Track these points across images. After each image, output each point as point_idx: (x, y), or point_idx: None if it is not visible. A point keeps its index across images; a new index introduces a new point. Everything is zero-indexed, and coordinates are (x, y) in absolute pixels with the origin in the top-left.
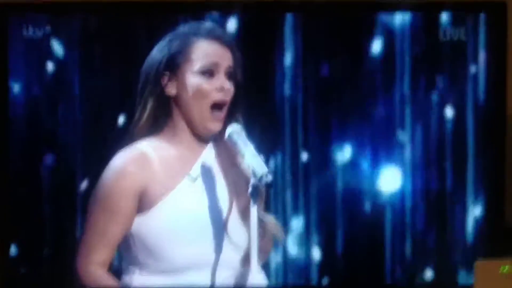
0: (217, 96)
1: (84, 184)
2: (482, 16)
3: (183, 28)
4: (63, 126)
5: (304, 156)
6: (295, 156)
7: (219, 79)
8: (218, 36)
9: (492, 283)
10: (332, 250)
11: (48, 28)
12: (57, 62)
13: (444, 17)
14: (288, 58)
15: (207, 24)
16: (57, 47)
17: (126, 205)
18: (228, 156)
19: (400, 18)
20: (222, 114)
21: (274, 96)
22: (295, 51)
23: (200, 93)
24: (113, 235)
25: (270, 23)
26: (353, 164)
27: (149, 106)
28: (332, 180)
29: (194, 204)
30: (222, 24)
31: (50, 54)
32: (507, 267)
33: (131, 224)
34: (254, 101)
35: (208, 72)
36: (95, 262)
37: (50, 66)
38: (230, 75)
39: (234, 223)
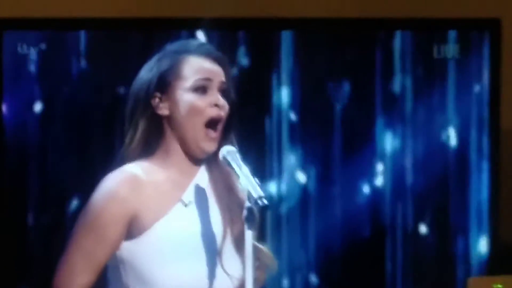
0: (212, 112)
1: (72, 207)
2: (478, 33)
3: (171, 46)
4: (53, 146)
5: (302, 178)
6: (293, 178)
7: (213, 95)
8: (208, 52)
9: None
10: (330, 278)
11: (43, 44)
12: (50, 80)
13: (439, 34)
14: (284, 76)
15: (196, 41)
16: (51, 63)
17: (114, 231)
18: (222, 180)
19: (395, 36)
20: (216, 133)
21: (271, 115)
22: (292, 69)
23: (193, 111)
24: (98, 259)
25: (267, 41)
26: (354, 185)
27: (140, 128)
28: (331, 204)
29: (187, 230)
30: (219, 41)
31: (43, 71)
32: (499, 286)
33: (118, 249)
34: (249, 121)
35: (201, 89)
36: (77, 285)
37: (42, 84)
38: (224, 91)
39: (228, 250)
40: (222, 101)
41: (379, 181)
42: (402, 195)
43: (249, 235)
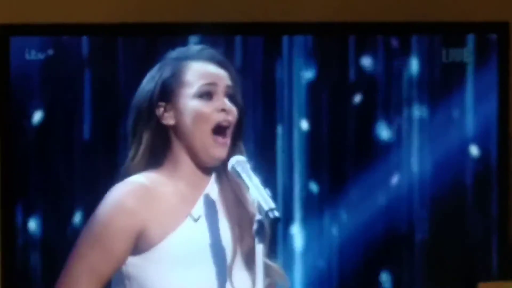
0: (219, 117)
1: (76, 220)
2: (486, 37)
3: (171, 54)
4: (57, 154)
5: (315, 188)
6: (305, 188)
7: (219, 100)
8: (211, 56)
9: None
10: None
11: (50, 50)
12: (54, 87)
13: (448, 39)
14: (293, 81)
15: (197, 46)
16: (57, 70)
17: (121, 244)
18: (232, 191)
19: (403, 40)
20: (225, 139)
21: (282, 121)
22: (301, 73)
23: (200, 118)
24: (102, 273)
25: (277, 46)
26: (368, 196)
27: (144, 140)
28: (345, 214)
29: (196, 246)
30: (225, 46)
31: (51, 78)
32: None
33: (124, 263)
34: (259, 128)
35: (206, 94)
36: None
37: (49, 92)
38: (230, 96)
39: (238, 267)
40: (229, 105)
41: (394, 191)
42: (417, 202)
43: (259, 249)
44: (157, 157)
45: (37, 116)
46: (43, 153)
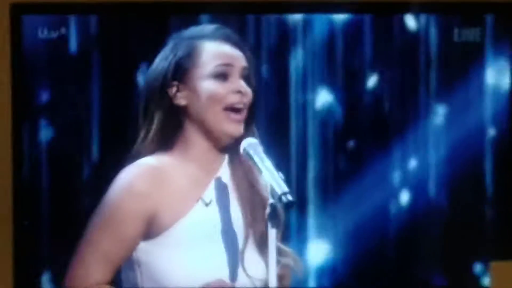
0: (234, 99)
1: (84, 205)
2: (498, 17)
3: (186, 33)
4: (65, 137)
5: (330, 173)
6: (318, 172)
7: (235, 82)
8: (227, 36)
9: (508, 284)
10: (360, 281)
11: (63, 29)
12: (69, 65)
13: (459, 18)
14: (308, 62)
15: (212, 25)
16: (71, 49)
17: (133, 229)
18: (244, 175)
19: (414, 20)
20: (239, 116)
21: (295, 104)
22: (314, 54)
23: (214, 98)
24: (115, 258)
25: (292, 26)
26: (385, 181)
27: (156, 120)
28: (362, 200)
29: (208, 231)
30: (237, 26)
31: (63, 57)
32: None
33: (135, 248)
34: (272, 111)
35: (222, 75)
36: (94, 282)
37: (61, 70)
38: (246, 78)
39: (250, 251)
40: (245, 87)
41: (411, 173)
42: (433, 184)
43: (272, 234)
44: (168, 138)
45: (47, 95)
46: (53, 134)
